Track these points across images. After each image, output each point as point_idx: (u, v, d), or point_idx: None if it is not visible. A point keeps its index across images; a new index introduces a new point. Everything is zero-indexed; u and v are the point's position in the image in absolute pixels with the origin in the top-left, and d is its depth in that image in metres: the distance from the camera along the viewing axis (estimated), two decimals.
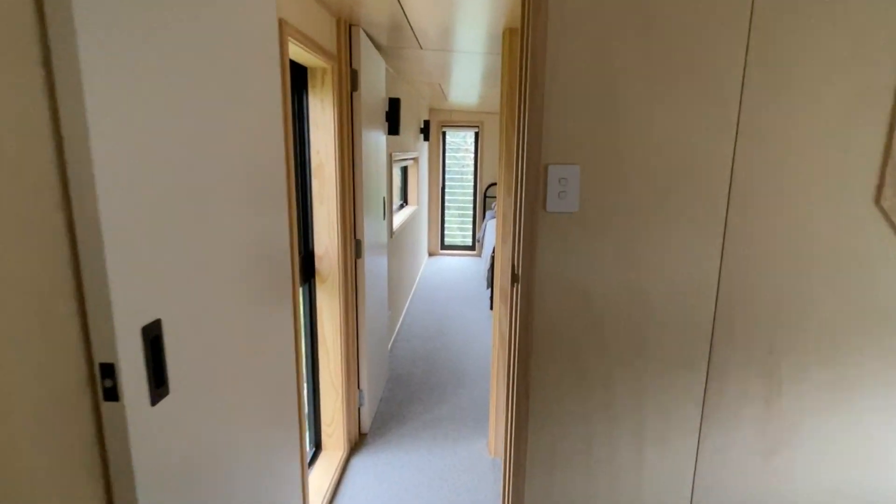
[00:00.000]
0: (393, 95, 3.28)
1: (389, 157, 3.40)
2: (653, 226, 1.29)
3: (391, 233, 3.52)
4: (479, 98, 5.09)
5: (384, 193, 2.86)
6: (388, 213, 3.40)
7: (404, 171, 5.27)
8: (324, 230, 2.07)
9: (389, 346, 3.55)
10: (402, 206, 5.04)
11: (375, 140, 2.57)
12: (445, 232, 7.20)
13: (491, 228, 5.50)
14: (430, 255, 7.02)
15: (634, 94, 1.22)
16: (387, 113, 3.08)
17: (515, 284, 1.40)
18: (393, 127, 3.12)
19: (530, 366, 1.40)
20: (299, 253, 2.03)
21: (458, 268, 6.19)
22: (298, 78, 1.92)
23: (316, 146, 1.99)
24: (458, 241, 7.31)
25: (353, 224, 2.26)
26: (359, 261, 2.31)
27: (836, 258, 1.30)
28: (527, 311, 1.36)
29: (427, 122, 5.52)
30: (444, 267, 6.22)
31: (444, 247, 7.18)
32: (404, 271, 4.36)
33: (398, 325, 4.00)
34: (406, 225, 4.44)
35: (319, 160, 2.01)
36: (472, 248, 7.15)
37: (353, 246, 2.26)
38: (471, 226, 7.14)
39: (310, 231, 2.07)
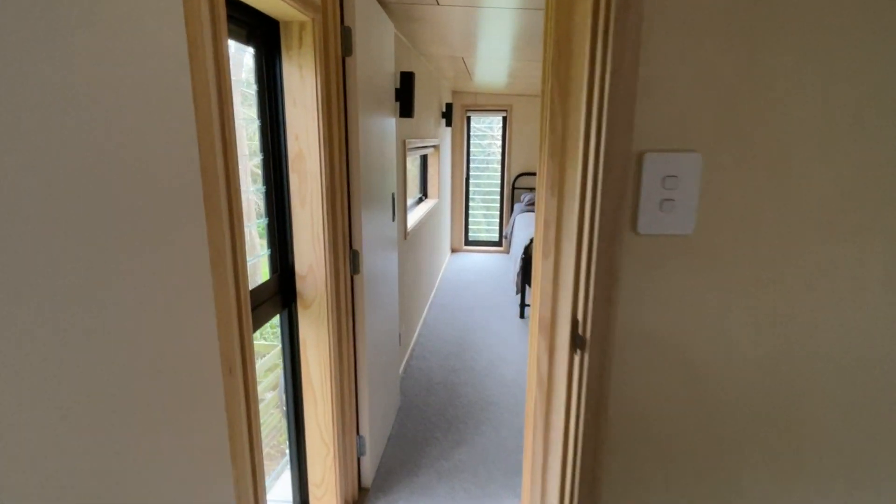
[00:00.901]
0: (406, 70, 2.78)
1: (403, 144, 2.91)
2: (833, 259, 0.76)
3: (405, 234, 3.04)
4: (508, 77, 4.54)
5: (394, 189, 2.38)
6: (401, 212, 2.92)
7: (423, 160, 4.77)
8: (306, 241, 1.60)
9: (402, 368, 3.08)
10: (420, 200, 4.55)
11: (381, 123, 2.08)
12: (470, 227, 6.69)
13: (521, 224, 4.97)
14: (453, 251, 6.53)
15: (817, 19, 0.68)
16: (397, 90, 2.58)
17: (578, 351, 0.90)
18: (406, 107, 2.62)
19: (601, 463, 0.90)
20: (273, 271, 1.56)
21: (484, 266, 5.68)
22: (269, 36, 1.43)
23: (293, 129, 1.51)
24: (483, 236, 6.79)
25: (349, 231, 1.78)
26: (356, 277, 1.84)
27: None
28: (599, 392, 0.85)
29: (449, 106, 5.00)
30: (468, 265, 5.73)
31: (468, 242, 6.68)
32: (422, 275, 3.88)
33: (413, 341, 3.53)
34: (425, 222, 3.95)
35: (298, 149, 1.53)
36: (498, 243, 6.63)
37: (347, 259, 1.78)
38: (497, 220, 6.61)
39: (288, 242, 1.60)
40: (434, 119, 4.42)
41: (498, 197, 6.55)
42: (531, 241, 3.96)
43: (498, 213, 6.59)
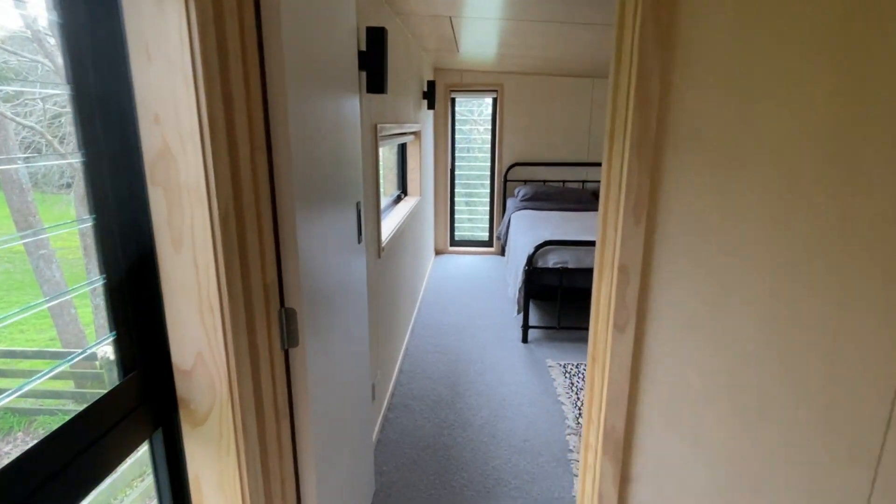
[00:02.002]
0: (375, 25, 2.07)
1: (373, 130, 2.21)
2: None
3: (378, 251, 2.35)
4: (498, 47, 3.85)
5: (360, 196, 1.69)
6: (373, 223, 2.23)
7: (402, 150, 4.07)
8: (189, 309, 0.90)
9: (377, 430, 2.41)
10: (398, 199, 3.85)
11: (336, 102, 1.38)
12: (455, 224, 6.02)
13: (518, 224, 4.31)
14: (438, 253, 5.85)
15: None
16: (362, 55, 1.87)
17: None
18: (375, 79, 1.92)
19: None
20: (128, 369, 0.87)
21: (473, 271, 5.02)
22: None
23: (150, 105, 0.81)
24: (467, 233, 6.12)
25: (277, 279, 1.09)
26: (294, 352, 1.15)
27: None
28: None
29: (432, 85, 4.29)
30: (456, 270, 5.06)
31: (454, 243, 6.01)
32: (401, 295, 3.19)
33: (391, 385, 2.85)
34: (404, 228, 3.26)
35: (162, 141, 0.83)
36: (489, 243, 5.97)
37: (275, 328, 1.09)
38: (486, 216, 5.94)
39: (159, 314, 0.91)
40: (413, 100, 3.71)
41: (487, 191, 5.88)
42: (536, 248, 3.30)
43: (488, 208, 5.93)
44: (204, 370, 0.94)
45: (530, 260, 3.31)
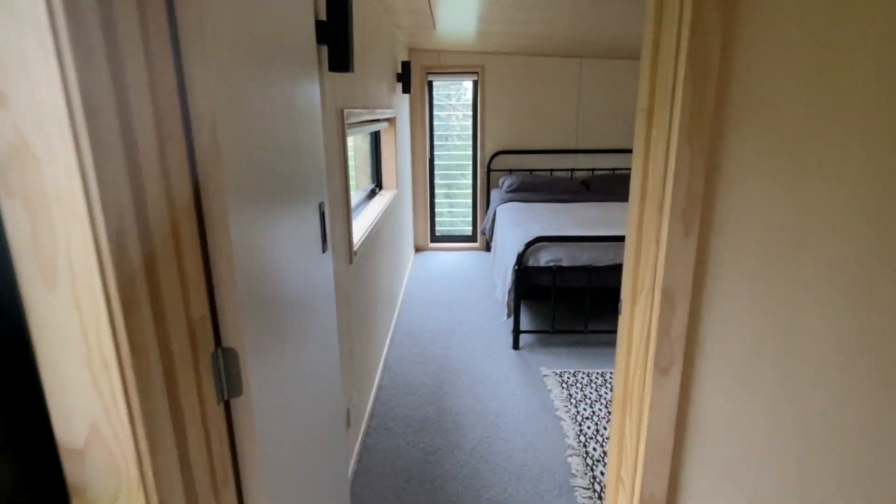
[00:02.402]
0: None
1: (339, 116, 1.98)
2: None
3: (350, 256, 2.12)
4: (479, 23, 3.62)
5: (323, 195, 1.46)
6: (343, 222, 1.99)
7: (375, 138, 3.82)
8: (76, 366, 0.67)
9: (353, 461, 2.19)
10: (372, 194, 3.61)
11: (286, 81, 1.15)
12: (436, 219, 5.80)
13: (505, 218, 4.11)
14: (418, 250, 5.63)
15: None
16: (322, 25, 1.64)
17: None
18: (339, 55, 1.68)
19: None
20: None
21: (456, 269, 4.81)
22: None
23: None
24: (449, 228, 5.91)
25: (209, 315, 0.86)
26: (237, 403, 0.92)
27: None
28: None
29: (406, 66, 4.04)
30: (438, 268, 4.84)
31: (435, 238, 5.79)
32: (378, 304, 2.97)
33: (369, 405, 2.64)
34: (380, 225, 3.03)
35: (16, 133, 0.59)
36: (472, 238, 5.77)
37: (205, 380, 0.86)
38: (469, 210, 5.74)
39: (36, 373, 0.67)
40: (387, 83, 3.47)
41: (469, 182, 5.67)
42: (527, 246, 3.11)
43: (470, 201, 5.72)
44: (102, 447, 0.70)
45: (520, 259, 3.11)
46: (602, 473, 2.08)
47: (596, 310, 3.67)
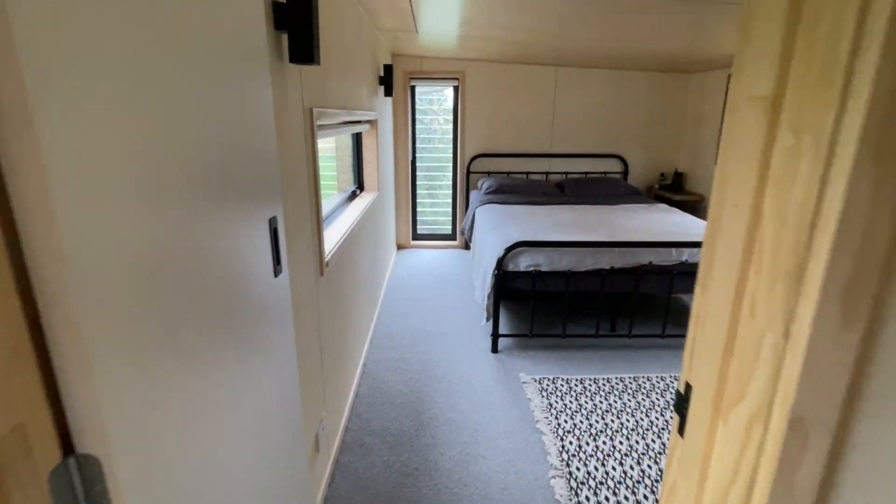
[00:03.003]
0: None
1: (308, 116, 1.60)
2: None
3: (320, 267, 1.75)
4: (460, 27, 3.25)
5: (276, 208, 1.09)
6: (312, 236, 1.63)
7: (357, 140, 3.43)
8: None
9: (322, 488, 1.84)
10: (353, 195, 3.23)
11: (215, 71, 0.78)
12: (418, 218, 5.43)
13: (484, 220, 3.77)
14: (400, 248, 5.26)
15: None
16: (280, 8, 1.26)
17: None
18: (301, 44, 1.31)
19: None
20: None
21: (437, 266, 4.46)
22: None
23: None
24: (430, 227, 5.55)
25: (59, 411, 0.50)
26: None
27: None
28: None
29: (389, 70, 3.65)
30: (418, 266, 4.49)
31: (416, 237, 5.42)
32: (355, 311, 2.61)
33: (345, 416, 2.29)
34: (358, 228, 2.66)
35: None
36: (452, 237, 5.42)
37: None
38: (449, 209, 5.38)
39: None
40: (368, 85, 3.08)
41: (450, 183, 5.31)
42: (507, 251, 2.77)
43: (450, 200, 5.36)
44: None
45: (500, 263, 2.78)
46: (588, 499, 1.77)
47: (573, 314, 3.38)
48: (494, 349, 2.93)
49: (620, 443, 2.10)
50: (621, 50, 3.84)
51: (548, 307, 3.50)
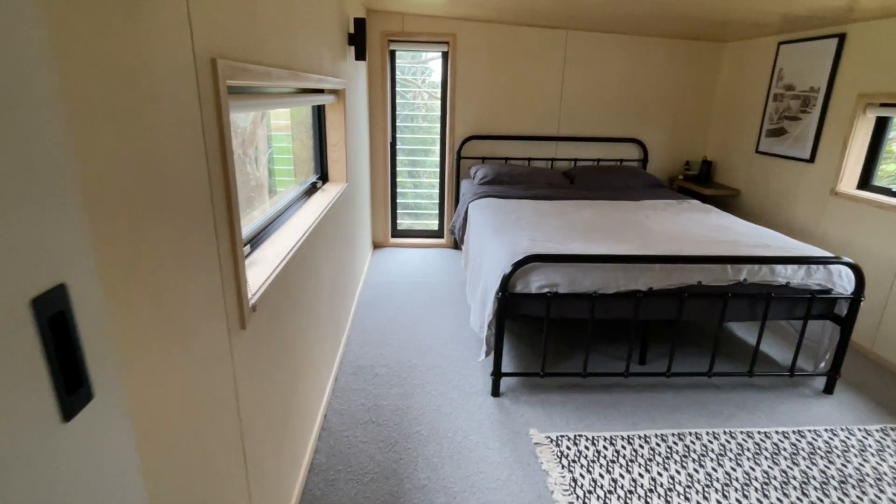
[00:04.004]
0: None
1: (211, 71, 1.01)
2: None
3: (241, 318, 1.17)
4: None
5: (75, 270, 0.51)
6: (231, 276, 1.05)
7: (319, 117, 2.81)
8: None
9: None
10: (313, 189, 2.62)
11: None
12: (398, 211, 4.85)
13: (479, 219, 3.21)
14: (377, 247, 4.68)
15: None
16: None
17: None
18: None
19: None
20: None
21: (420, 271, 3.89)
22: None
23: None
24: (412, 222, 4.98)
25: None
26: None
27: None
28: None
29: (361, 25, 3.02)
30: (398, 270, 3.91)
31: (396, 233, 4.84)
32: (309, 348, 2.04)
33: (304, 469, 1.73)
34: (317, 233, 2.08)
35: None
36: (439, 234, 4.86)
37: None
38: (436, 202, 4.81)
39: None
40: (331, 42, 2.47)
41: (437, 170, 4.72)
42: (514, 267, 2.22)
43: (437, 192, 4.78)
44: None
45: (506, 283, 2.23)
46: None
47: (596, 343, 2.86)
48: (496, 392, 2.40)
49: None
50: (643, 7, 3.27)
51: (563, 334, 2.98)
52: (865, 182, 3.09)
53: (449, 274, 3.98)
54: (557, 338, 2.93)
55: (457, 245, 4.65)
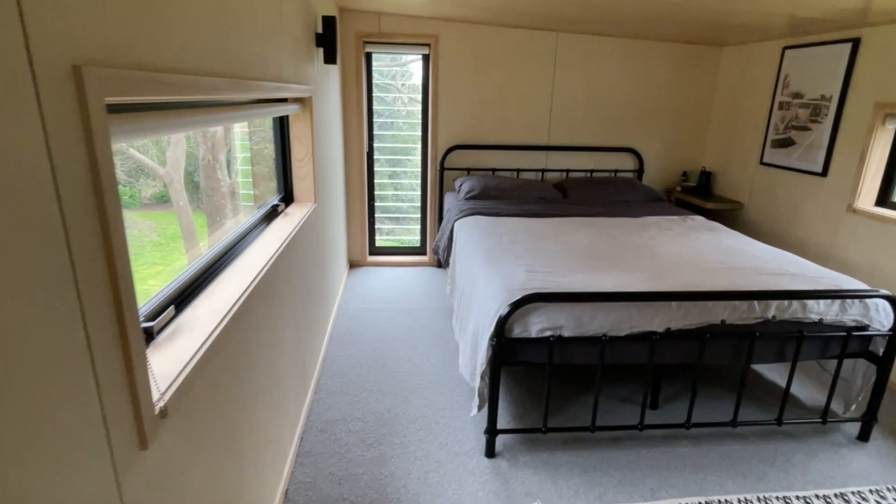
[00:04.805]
0: None
1: (76, 87, 0.65)
2: None
3: (139, 433, 0.82)
4: None
5: None
6: (121, 374, 0.70)
7: (281, 127, 2.45)
8: None
9: None
10: (273, 214, 2.26)
11: None
12: (376, 226, 4.50)
13: (467, 242, 2.89)
14: (353, 266, 4.32)
15: None
16: None
17: None
18: None
19: None
20: None
21: (400, 293, 3.55)
22: None
23: None
24: (392, 238, 4.64)
25: None
26: None
27: None
28: None
29: (330, 24, 2.68)
30: (375, 296, 3.56)
31: (374, 251, 4.49)
32: (259, 416, 1.69)
33: None
34: (277, 267, 1.73)
35: None
36: (421, 251, 4.52)
37: None
38: (418, 216, 4.47)
39: None
40: (291, 45, 2.13)
41: (418, 182, 4.39)
42: (513, 307, 1.90)
43: (419, 206, 4.45)
44: None
45: (501, 326, 1.91)
46: None
47: (608, 395, 2.55)
48: (490, 452, 2.07)
49: None
50: (640, 9, 3.00)
51: (565, 376, 2.67)
52: (884, 198, 2.86)
53: (433, 298, 3.65)
54: (558, 380, 2.61)
55: (440, 264, 4.32)
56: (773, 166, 3.51)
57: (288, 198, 2.51)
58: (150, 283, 1.42)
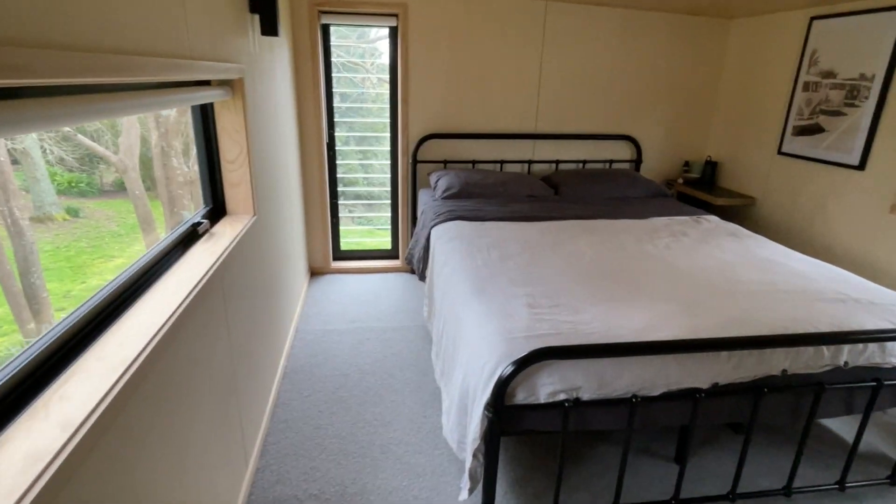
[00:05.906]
0: None
1: None
2: None
3: None
4: None
5: None
6: None
7: (204, 118, 1.87)
8: None
9: None
10: (193, 237, 1.71)
11: None
12: (341, 228, 3.96)
13: (447, 258, 2.39)
14: (315, 274, 3.77)
15: None
16: None
17: None
18: None
19: None
20: None
21: (369, 307, 3.03)
22: None
23: None
24: (359, 239, 4.10)
25: None
26: None
27: None
28: None
29: None
30: (339, 312, 3.03)
31: (339, 255, 3.95)
32: (204, 476, 1.15)
33: None
34: (198, 305, 1.19)
35: None
36: (393, 254, 4.01)
37: None
38: (388, 215, 3.94)
39: None
40: (207, 7, 1.55)
41: (388, 177, 3.85)
42: (516, 369, 1.41)
43: (389, 203, 3.91)
44: None
45: (501, 390, 1.42)
46: None
47: (637, 464, 2.10)
48: None
49: None
50: None
51: (579, 441, 2.21)
52: None
53: (408, 314, 3.15)
54: (574, 455, 2.16)
55: (413, 271, 3.81)
56: (795, 157, 3.11)
57: (218, 211, 1.95)
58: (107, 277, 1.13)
